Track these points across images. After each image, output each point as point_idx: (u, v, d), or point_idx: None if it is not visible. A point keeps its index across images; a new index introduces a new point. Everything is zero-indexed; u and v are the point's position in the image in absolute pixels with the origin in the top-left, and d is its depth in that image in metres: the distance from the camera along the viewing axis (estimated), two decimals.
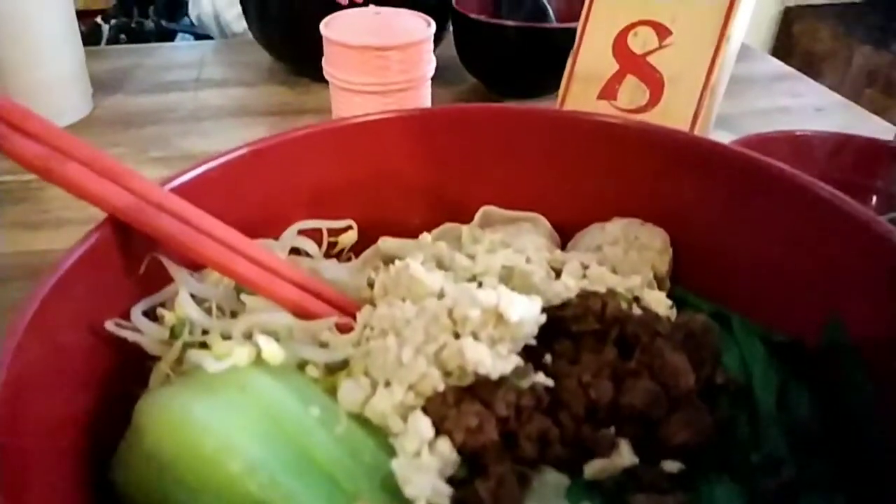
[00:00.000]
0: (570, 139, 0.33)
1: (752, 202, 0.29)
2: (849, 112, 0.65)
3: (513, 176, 0.34)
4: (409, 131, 0.33)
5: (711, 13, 0.42)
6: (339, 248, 0.33)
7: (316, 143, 0.32)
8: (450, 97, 0.66)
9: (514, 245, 0.30)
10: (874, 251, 0.24)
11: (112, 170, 0.24)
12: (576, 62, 0.47)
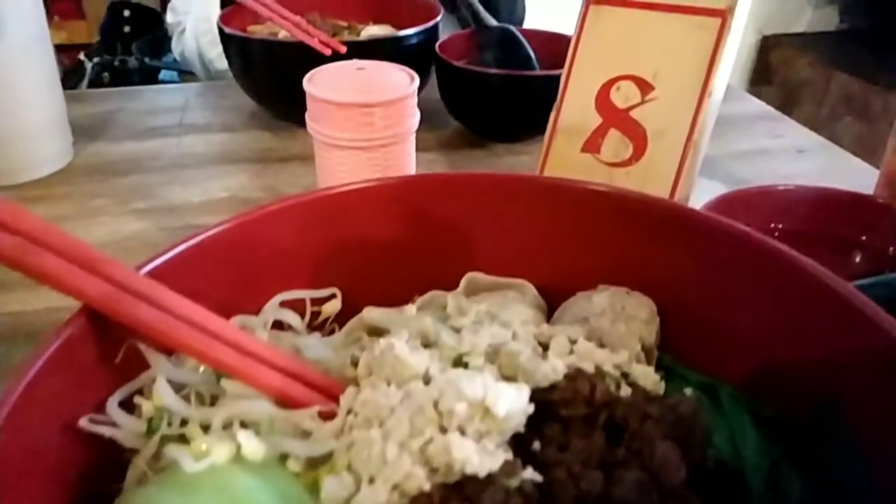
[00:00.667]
0: (554, 206, 0.33)
1: (736, 274, 0.29)
2: (829, 153, 0.66)
3: (498, 242, 0.34)
4: (393, 199, 0.33)
5: (693, 69, 0.42)
6: (322, 318, 0.32)
7: (298, 215, 0.31)
8: (434, 141, 0.67)
9: (501, 317, 0.29)
10: (865, 334, 0.24)
11: (87, 257, 0.24)
12: (559, 115, 0.47)
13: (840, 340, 0.25)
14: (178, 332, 0.24)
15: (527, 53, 0.67)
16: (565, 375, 0.25)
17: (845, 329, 0.25)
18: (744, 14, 0.43)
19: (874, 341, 0.24)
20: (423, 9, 0.74)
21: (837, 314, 0.25)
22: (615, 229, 0.32)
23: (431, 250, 0.34)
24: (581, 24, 0.46)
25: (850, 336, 0.25)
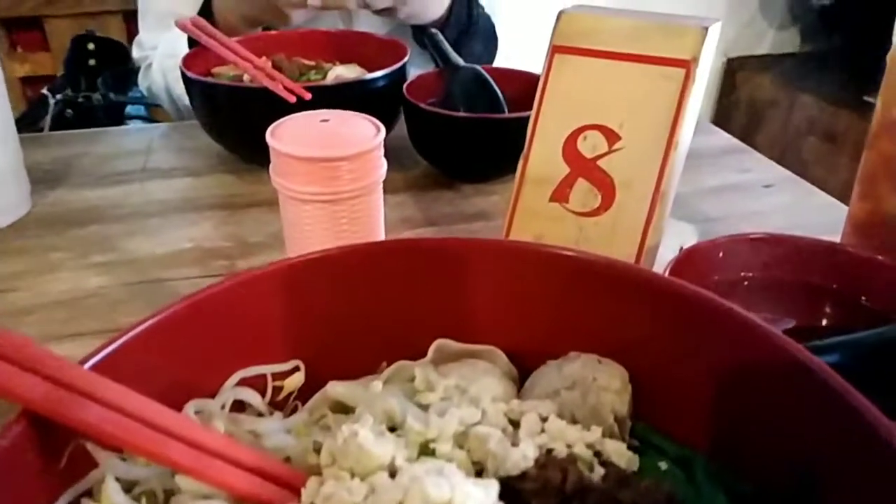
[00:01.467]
0: (523, 271, 0.32)
1: (702, 340, 0.28)
2: (796, 187, 0.67)
3: (467, 307, 0.33)
4: (356, 266, 0.32)
5: (658, 120, 0.42)
6: (285, 393, 0.31)
7: (257, 288, 0.30)
8: (403, 182, 0.66)
9: (470, 391, 0.29)
10: (833, 408, 0.24)
11: (27, 354, 0.22)
12: (527, 164, 0.47)
13: (808, 413, 0.25)
14: (129, 432, 0.23)
15: (495, 93, 0.67)
16: (536, 461, 0.24)
17: (813, 402, 0.24)
18: (707, 64, 0.43)
19: (843, 416, 0.23)
20: (391, 47, 0.73)
21: (804, 387, 0.25)
22: (584, 294, 0.31)
23: (398, 317, 0.33)
24: (546, 73, 0.46)
25: (817, 409, 0.24)
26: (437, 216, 0.60)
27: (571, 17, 0.46)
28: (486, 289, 0.32)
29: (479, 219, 0.60)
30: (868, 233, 0.42)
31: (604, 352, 0.31)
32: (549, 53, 0.46)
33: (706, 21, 0.42)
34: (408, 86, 0.66)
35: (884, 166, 0.39)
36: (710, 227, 0.59)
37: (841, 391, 0.23)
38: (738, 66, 2.05)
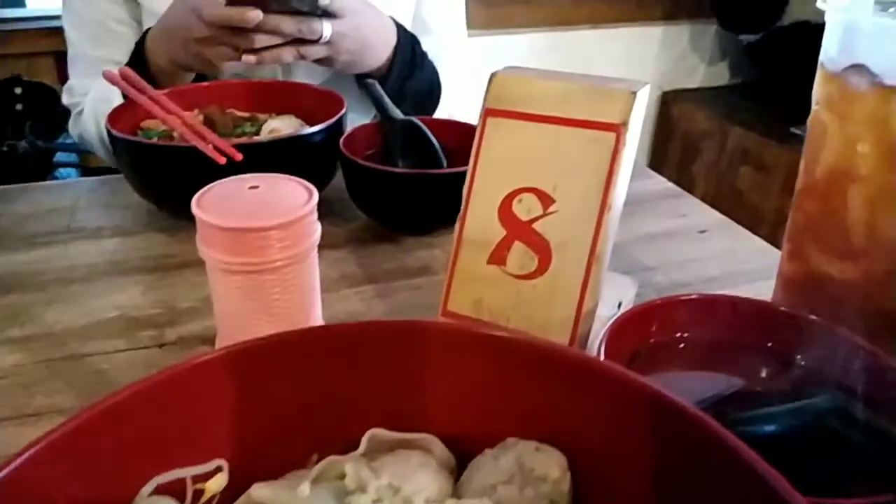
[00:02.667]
0: (457, 354, 0.31)
1: (636, 425, 0.28)
2: (731, 232, 0.68)
3: (400, 392, 0.32)
4: (282, 355, 0.31)
5: (591, 183, 0.42)
6: (206, 497, 0.29)
7: (176, 386, 0.28)
8: (342, 236, 0.65)
9: (404, 489, 0.27)
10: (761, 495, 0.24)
11: None
12: (463, 227, 0.46)
13: (730, 492, 0.25)
14: None
15: (432, 145, 0.66)
16: None
17: (733, 481, 0.24)
18: (638, 126, 0.44)
19: (764, 497, 0.23)
20: (328, 98, 0.73)
21: (727, 468, 0.24)
22: (519, 377, 0.30)
23: (328, 406, 0.31)
24: (480, 137, 0.46)
25: (738, 488, 0.24)
26: (378, 272, 0.59)
27: (503, 80, 0.46)
28: (419, 373, 0.31)
29: (422, 273, 0.59)
30: (798, 291, 0.42)
31: (542, 436, 0.30)
32: (482, 116, 0.46)
33: (635, 85, 0.43)
34: (345, 138, 0.65)
35: (809, 227, 0.40)
36: (647, 276, 0.60)
37: (761, 471, 0.23)
38: (673, 100, 2.12)
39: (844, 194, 0.37)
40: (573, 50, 1.99)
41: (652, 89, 2.13)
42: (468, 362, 0.31)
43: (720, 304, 0.42)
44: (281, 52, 0.78)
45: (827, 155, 0.38)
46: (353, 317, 0.53)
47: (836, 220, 0.38)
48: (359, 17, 0.82)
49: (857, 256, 0.38)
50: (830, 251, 0.39)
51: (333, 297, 0.56)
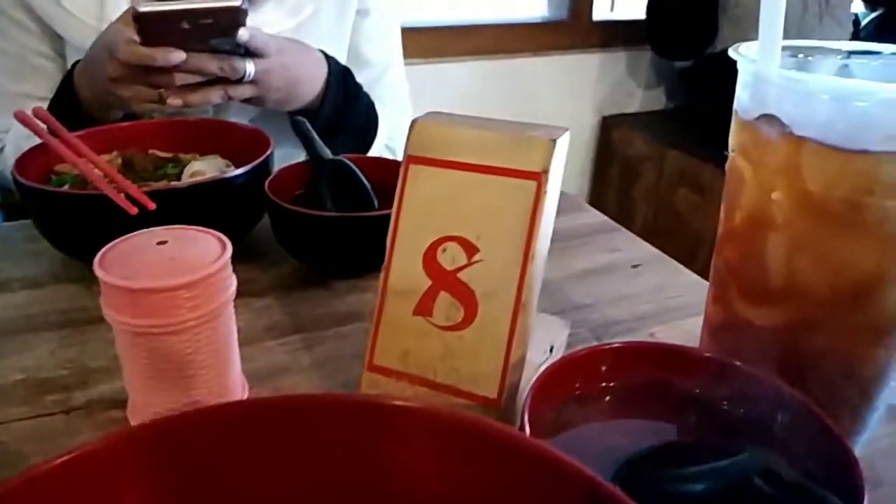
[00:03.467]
0: (366, 426, 0.29)
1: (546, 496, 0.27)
2: (663, 266, 0.68)
3: (302, 471, 0.30)
4: (200, 433, 0.28)
5: (514, 232, 0.42)
6: None
7: (78, 469, 0.26)
8: (269, 283, 0.62)
9: None
10: None
11: None
12: (388, 277, 0.45)
13: None
14: None
15: (362, 186, 0.65)
16: None
17: None
18: (559, 172, 0.43)
19: None
20: (255, 138, 0.71)
21: None
22: (425, 448, 0.29)
23: (251, 486, 0.29)
24: (402, 184, 0.45)
25: None
26: (305, 320, 0.57)
27: (424, 127, 0.45)
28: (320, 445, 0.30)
29: (352, 319, 0.57)
30: (723, 336, 0.42)
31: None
32: (404, 164, 0.45)
33: (555, 132, 0.43)
34: (271, 180, 0.63)
35: (731, 273, 0.40)
36: (581, 315, 0.59)
37: None
38: (612, 125, 2.17)
39: (763, 241, 0.37)
40: (513, 77, 2.01)
41: (591, 115, 2.18)
42: (375, 435, 0.29)
43: (646, 350, 0.41)
44: (208, 94, 0.76)
45: (744, 202, 0.38)
46: (277, 371, 0.51)
47: (756, 266, 0.38)
48: (285, 53, 0.81)
49: (777, 303, 0.38)
50: (751, 297, 0.39)
51: (256, 349, 0.53)
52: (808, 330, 0.38)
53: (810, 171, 0.33)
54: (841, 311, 0.37)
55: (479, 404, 0.42)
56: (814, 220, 0.34)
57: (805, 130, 0.33)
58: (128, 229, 0.44)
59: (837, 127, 0.32)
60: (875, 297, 0.36)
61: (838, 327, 0.37)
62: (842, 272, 0.35)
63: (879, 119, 0.31)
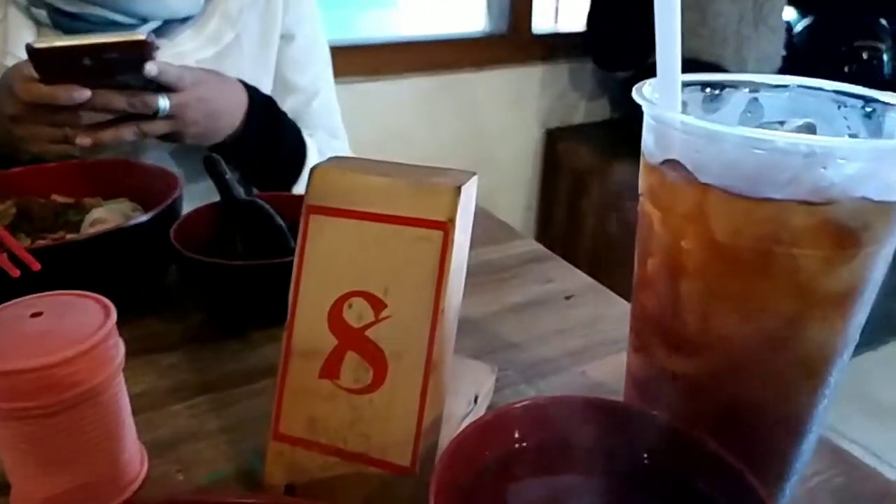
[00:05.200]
0: None
1: None
2: (596, 297, 0.67)
3: None
4: None
5: (422, 286, 0.39)
6: None
7: None
8: (179, 336, 0.58)
9: None
10: None
11: None
12: (291, 337, 0.42)
13: None
14: None
15: (277, 228, 0.61)
16: None
17: None
18: (469, 219, 0.41)
19: None
20: (163, 178, 0.67)
21: None
22: None
23: None
24: (303, 236, 0.42)
25: None
26: (215, 378, 0.53)
27: (325, 174, 0.42)
28: None
29: (266, 374, 0.54)
30: (644, 385, 0.40)
31: None
32: (304, 214, 0.42)
33: (461, 178, 0.40)
34: (179, 225, 0.60)
35: (648, 321, 0.38)
36: (511, 355, 0.57)
37: None
38: (558, 137, 2.17)
39: (677, 289, 0.35)
40: (457, 92, 1.99)
41: (536, 128, 2.18)
42: None
43: (561, 405, 0.39)
44: (120, 132, 0.72)
45: (655, 249, 0.36)
46: (181, 438, 0.47)
47: (672, 314, 0.36)
48: (202, 86, 0.77)
49: (695, 351, 0.36)
50: (670, 345, 0.37)
51: (160, 414, 0.49)
52: (730, 378, 0.36)
53: (717, 219, 0.32)
54: (760, 358, 0.35)
55: (392, 473, 0.39)
56: (725, 268, 0.33)
57: (709, 177, 0.31)
58: (14, 294, 0.41)
59: (740, 174, 0.30)
60: (793, 343, 0.34)
61: (759, 374, 0.36)
62: (758, 320, 0.33)
63: (780, 166, 0.29)
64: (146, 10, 0.83)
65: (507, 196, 2.19)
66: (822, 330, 0.33)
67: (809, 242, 0.30)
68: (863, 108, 0.38)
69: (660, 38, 0.32)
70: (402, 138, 1.90)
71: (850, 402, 1.97)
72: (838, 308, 0.33)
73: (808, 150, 0.29)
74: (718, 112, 0.40)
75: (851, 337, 0.35)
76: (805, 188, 0.29)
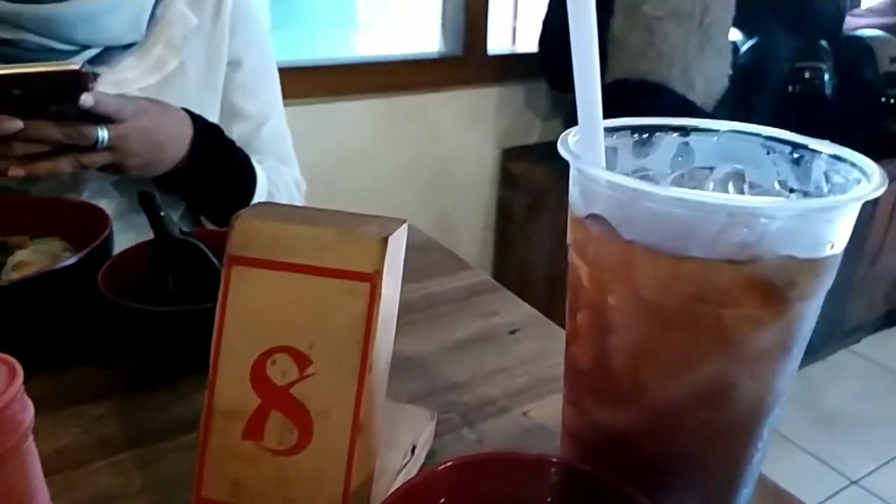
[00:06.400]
0: None
1: None
2: (540, 330, 0.66)
3: None
4: None
5: (348, 341, 0.38)
6: None
7: None
8: (105, 386, 0.55)
9: None
10: None
11: None
12: (213, 396, 0.40)
13: None
14: None
15: (212, 268, 0.59)
16: None
17: None
18: (398, 270, 0.40)
19: None
20: (93, 215, 0.64)
21: None
22: None
23: None
24: (224, 289, 0.40)
25: None
26: (143, 431, 0.51)
27: (247, 223, 0.40)
28: None
29: (194, 427, 0.51)
30: (578, 438, 0.39)
31: None
32: (226, 265, 0.40)
33: (389, 226, 0.39)
34: (108, 266, 0.57)
35: (580, 374, 0.37)
36: (453, 396, 0.56)
37: None
38: (514, 157, 2.18)
39: (606, 344, 0.34)
40: (414, 113, 1.99)
41: (492, 148, 2.18)
42: None
43: (494, 462, 0.38)
44: (56, 163, 0.69)
45: (583, 303, 0.35)
46: (101, 500, 0.45)
47: (602, 369, 0.35)
48: (143, 115, 0.75)
49: (627, 406, 0.35)
50: (602, 400, 0.36)
51: (82, 473, 0.46)
52: (661, 433, 0.35)
53: (642, 276, 0.31)
54: (691, 413, 0.34)
55: None
56: (652, 326, 0.32)
57: (632, 234, 0.30)
58: None
59: (663, 232, 0.30)
60: (723, 400, 0.34)
61: (690, 429, 0.35)
62: (687, 377, 0.33)
63: (703, 225, 0.29)
64: (85, 37, 0.80)
65: (465, 215, 2.19)
66: (752, 387, 0.33)
67: (736, 301, 0.30)
68: (791, 153, 0.38)
69: (580, 90, 0.32)
70: (359, 159, 1.89)
71: (799, 410, 2.02)
72: (768, 365, 0.32)
73: (731, 210, 0.28)
74: (649, 157, 0.40)
75: (783, 390, 0.34)
76: (729, 247, 0.29)
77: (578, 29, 0.31)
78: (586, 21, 0.32)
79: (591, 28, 0.32)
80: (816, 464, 1.87)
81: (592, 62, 0.32)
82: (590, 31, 0.32)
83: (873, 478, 1.83)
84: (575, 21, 0.32)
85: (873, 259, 2.31)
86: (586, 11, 0.31)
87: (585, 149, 0.33)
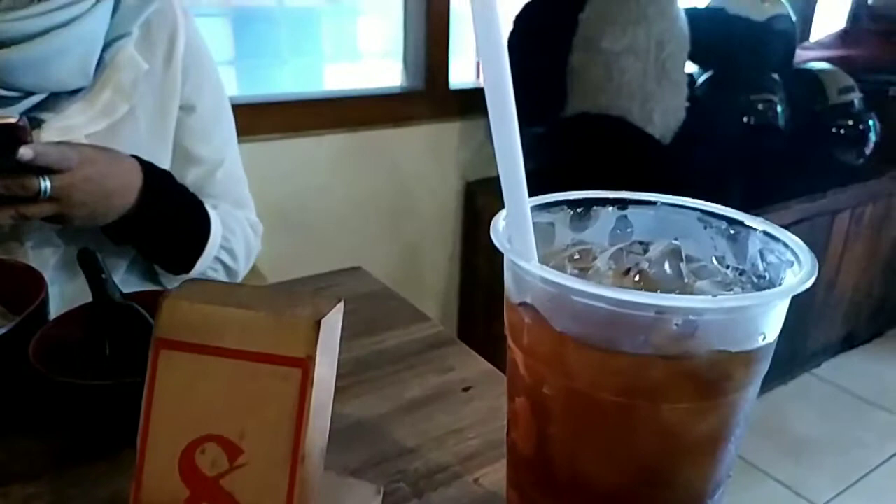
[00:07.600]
0: None
1: None
2: (494, 386, 0.65)
3: None
4: None
5: (280, 430, 0.36)
6: None
7: None
8: (42, 459, 0.53)
9: None
10: None
11: None
12: (140, 489, 0.38)
13: None
14: None
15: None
16: None
17: None
18: (333, 354, 0.38)
19: None
20: (27, 276, 0.62)
21: None
22: None
23: None
24: (152, 373, 0.38)
25: None
26: None
27: (175, 304, 0.39)
28: None
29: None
30: None
31: None
32: (154, 348, 0.38)
33: (324, 307, 0.38)
34: (42, 334, 0.55)
35: (521, 460, 0.36)
36: (402, 465, 0.54)
37: None
38: (477, 189, 2.18)
39: (543, 432, 0.33)
40: (375, 149, 1.98)
41: (456, 181, 2.19)
42: None
43: None
44: None
45: (520, 389, 0.34)
46: None
47: (541, 456, 0.34)
48: (89, 164, 0.73)
49: (567, 494, 0.34)
50: (540, 484, 0.35)
51: None
52: None
53: (575, 368, 0.30)
54: (632, 500, 0.33)
55: None
56: (589, 417, 0.31)
57: (563, 326, 0.30)
58: None
59: (593, 326, 0.29)
60: (664, 487, 0.33)
61: None
62: (625, 467, 0.32)
63: (632, 321, 0.28)
64: (29, 83, 0.78)
65: (431, 247, 2.18)
66: (692, 474, 0.32)
67: (669, 395, 0.29)
68: (727, 229, 0.38)
69: (503, 174, 0.32)
70: (321, 194, 1.88)
71: (764, 436, 2.03)
72: (707, 453, 0.32)
73: (659, 308, 0.28)
74: (587, 230, 0.40)
75: (725, 473, 0.34)
76: (659, 342, 0.28)
77: (499, 119, 0.31)
78: (505, 110, 0.31)
79: (511, 116, 0.32)
80: (783, 490, 1.88)
81: (514, 146, 0.31)
82: (510, 119, 0.32)
83: (838, 502, 1.85)
84: (494, 112, 0.31)
85: (830, 284, 2.36)
86: (506, 103, 0.31)
87: (514, 232, 0.32)
